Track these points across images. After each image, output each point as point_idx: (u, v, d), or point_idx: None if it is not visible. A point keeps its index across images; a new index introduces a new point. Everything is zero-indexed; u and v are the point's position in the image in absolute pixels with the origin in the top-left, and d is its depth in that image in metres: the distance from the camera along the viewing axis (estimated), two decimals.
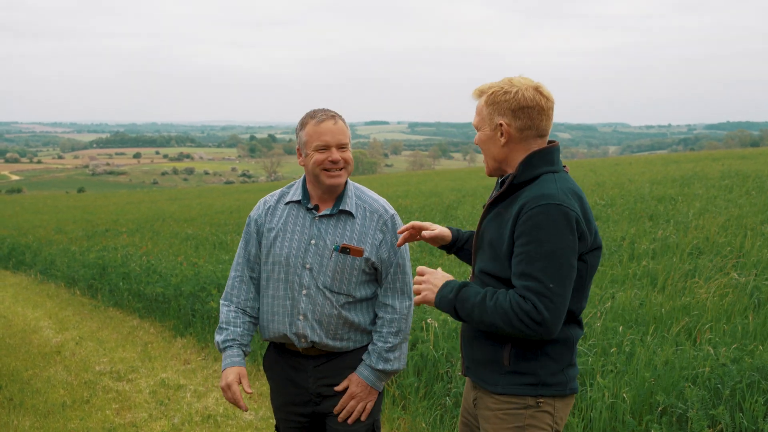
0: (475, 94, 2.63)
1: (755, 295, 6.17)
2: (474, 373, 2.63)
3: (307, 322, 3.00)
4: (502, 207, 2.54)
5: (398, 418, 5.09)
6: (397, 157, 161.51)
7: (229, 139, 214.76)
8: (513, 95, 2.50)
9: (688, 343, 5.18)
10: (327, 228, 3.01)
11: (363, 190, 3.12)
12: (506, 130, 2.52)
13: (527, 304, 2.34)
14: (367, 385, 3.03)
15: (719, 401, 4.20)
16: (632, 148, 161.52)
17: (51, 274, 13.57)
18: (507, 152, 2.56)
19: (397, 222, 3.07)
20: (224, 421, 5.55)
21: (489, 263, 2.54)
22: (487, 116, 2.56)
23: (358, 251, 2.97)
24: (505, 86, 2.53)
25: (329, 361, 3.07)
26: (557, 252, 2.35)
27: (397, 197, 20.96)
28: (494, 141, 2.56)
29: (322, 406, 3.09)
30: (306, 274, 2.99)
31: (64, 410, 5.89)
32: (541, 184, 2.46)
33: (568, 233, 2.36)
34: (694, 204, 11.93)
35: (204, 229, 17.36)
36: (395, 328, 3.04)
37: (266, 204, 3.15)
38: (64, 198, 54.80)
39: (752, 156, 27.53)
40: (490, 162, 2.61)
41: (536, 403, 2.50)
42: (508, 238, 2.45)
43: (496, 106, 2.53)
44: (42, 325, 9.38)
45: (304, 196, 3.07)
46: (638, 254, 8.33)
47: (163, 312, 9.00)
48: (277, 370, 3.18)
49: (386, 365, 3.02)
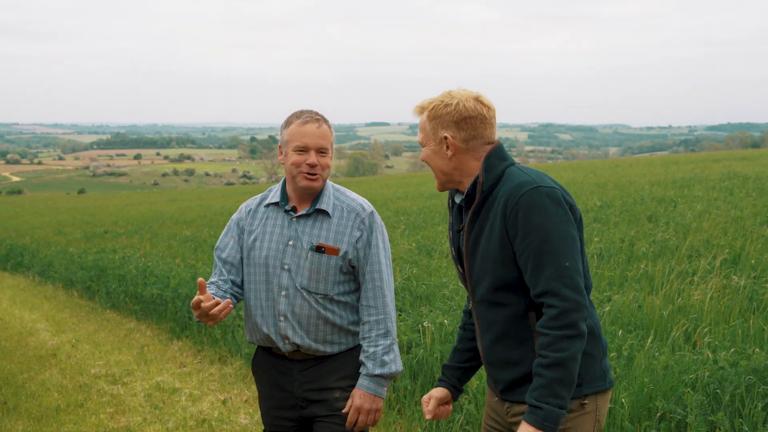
0: (416, 111, 2.62)
1: (754, 298, 6.12)
2: (516, 393, 2.54)
3: (288, 323, 2.99)
4: (482, 217, 2.50)
5: (394, 422, 5.04)
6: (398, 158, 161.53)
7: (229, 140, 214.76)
8: (454, 107, 2.52)
9: (687, 347, 5.13)
10: (304, 228, 3.00)
11: (342, 191, 3.11)
12: (452, 143, 2.53)
13: (554, 309, 2.31)
14: (370, 395, 2.99)
15: (719, 407, 4.15)
16: (633, 149, 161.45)
17: (49, 275, 13.54)
18: (455, 164, 2.55)
19: (375, 219, 3.05)
20: (219, 426, 5.50)
21: (493, 279, 2.47)
22: (431, 131, 2.55)
23: (334, 250, 2.95)
24: (445, 99, 2.54)
25: (315, 366, 3.05)
26: (555, 230, 2.35)
27: (397, 198, 20.94)
28: (440, 155, 2.55)
29: (307, 411, 3.06)
30: (285, 275, 2.99)
31: (58, 414, 5.84)
32: (509, 178, 2.46)
33: (558, 208, 2.37)
34: (694, 206, 11.89)
35: (203, 230, 17.33)
36: (383, 330, 2.99)
37: (247, 207, 3.17)
38: (65, 199, 54.83)
39: (753, 157, 27.50)
40: (439, 176, 2.59)
41: (580, 405, 2.46)
42: (500, 239, 2.42)
43: (439, 120, 2.53)
44: (39, 328, 9.34)
45: (283, 197, 3.07)
46: (637, 256, 8.29)
47: (160, 314, 8.95)
48: (263, 373, 3.17)
49: (383, 369, 2.98)
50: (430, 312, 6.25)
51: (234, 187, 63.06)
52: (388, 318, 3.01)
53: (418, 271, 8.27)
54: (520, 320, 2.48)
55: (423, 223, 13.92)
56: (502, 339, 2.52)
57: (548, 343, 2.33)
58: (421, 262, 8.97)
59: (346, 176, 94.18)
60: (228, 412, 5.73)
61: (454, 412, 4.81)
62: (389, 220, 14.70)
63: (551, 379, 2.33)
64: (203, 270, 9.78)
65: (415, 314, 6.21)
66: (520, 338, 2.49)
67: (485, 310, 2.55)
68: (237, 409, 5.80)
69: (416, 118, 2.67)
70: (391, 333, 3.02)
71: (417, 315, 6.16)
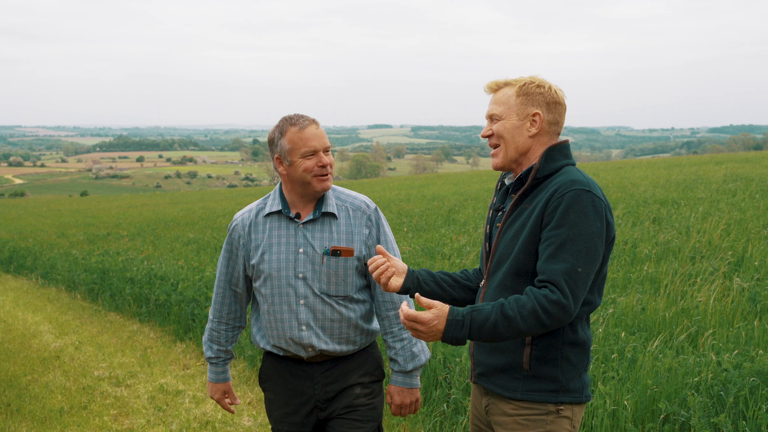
0: (494, 85, 2.62)
1: (757, 300, 6.11)
2: (489, 380, 2.58)
3: (311, 330, 2.97)
4: (526, 202, 2.52)
5: (397, 424, 5.05)
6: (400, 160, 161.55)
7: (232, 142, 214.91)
8: (547, 89, 2.56)
9: (691, 349, 5.13)
10: (313, 234, 2.97)
11: (341, 190, 3.10)
12: (540, 120, 2.55)
13: (554, 294, 2.33)
14: (407, 390, 3.06)
15: (722, 408, 4.15)
16: (635, 151, 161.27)
17: (52, 278, 13.55)
18: (531, 144, 2.56)
19: (381, 215, 3.08)
20: (222, 428, 5.51)
21: (513, 264, 2.48)
22: (518, 105, 2.55)
23: (349, 251, 2.95)
24: (535, 80, 2.58)
25: (335, 366, 3.05)
26: (587, 236, 2.38)
27: (399, 201, 20.92)
28: (522, 131, 2.56)
29: (326, 412, 3.06)
30: (300, 283, 2.97)
31: (61, 416, 5.85)
32: (567, 173, 2.49)
33: (596, 220, 2.40)
34: (696, 208, 11.88)
35: (206, 233, 17.33)
36: None
37: (245, 222, 3.07)
38: (67, 202, 54.86)
39: (755, 159, 27.44)
40: (511, 152, 2.57)
41: (557, 409, 2.49)
42: (533, 225, 2.44)
43: (530, 97, 2.55)
44: (42, 330, 9.35)
45: (284, 205, 3.01)
46: (640, 258, 8.28)
47: (164, 317, 8.96)
48: (276, 380, 3.13)
49: (415, 362, 3.04)
50: None
51: (236, 189, 63.06)
52: None
53: None
54: None
55: (426, 226, 13.92)
56: None
57: (523, 303, 2.34)
58: (424, 264, 8.97)
59: (348, 178, 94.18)
60: (231, 415, 5.73)
61: (458, 413, 4.81)
62: (392, 222, 14.70)
63: (494, 318, 2.33)
64: (207, 273, 9.78)
65: None
66: None
67: (494, 292, 2.55)
68: (240, 411, 5.80)
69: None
70: None
71: None
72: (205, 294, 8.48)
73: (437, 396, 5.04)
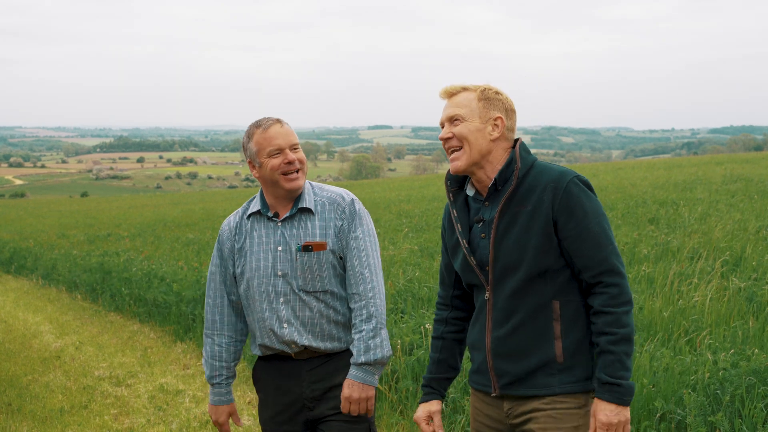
0: (452, 89, 2.65)
1: (754, 300, 6.14)
2: (522, 386, 2.55)
3: (293, 327, 2.97)
4: (515, 206, 2.54)
5: (396, 423, 5.07)
6: (401, 161, 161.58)
7: (232, 143, 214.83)
8: (505, 97, 2.65)
9: (688, 348, 5.15)
10: (291, 231, 2.99)
11: (321, 186, 3.10)
12: (502, 125, 2.61)
13: (613, 287, 2.46)
14: (359, 384, 2.92)
15: (719, 407, 4.18)
16: (635, 152, 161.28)
17: (52, 278, 13.58)
18: (492, 147, 2.61)
19: (357, 207, 3.02)
20: None
21: (531, 268, 2.50)
22: (480, 109, 2.60)
23: (321, 245, 2.94)
24: (493, 87, 2.65)
25: (322, 365, 3.02)
26: (602, 214, 2.53)
27: (399, 201, 20.96)
28: (484, 134, 2.60)
29: (315, 411, 3.02)
30: (280, 281, 2.98)
31: (62, 416, 5.88)
32: (543, 168, 2.57)
33: (594, 195, 2.56)
34: (695, 208, 11.90)
35: (206, 233, 17.36)
36: (365, 314, 2.94)
37: (230, 225, 3.14)
38: (68, 202, 54.90)
39: (755, 160, 27.47)
40: (474, 155, 2.59)
41: (585, 401, 2.52)
42: (545, 226, 2.48)
43: (491, 102, 2.61)
44: (42, 330, 9.38)
45: (263, 205, 3.06)
46: (639, 258, 8.31)
47: (164, 317, 8.99)
48: (266, 380, 3.12)
49: (368, 355, 2.91)
50: (431, 314, 6.28)
51: (237, 190, 63.09)
52: (370, 302, 2.95)
53: (421, 274, 8.30)
54: (543, 309, 2.52)
55: (426, 226, 13.94)
56: (521, 328, 2.53)
57: (613, 321, 2.44)
58: (424, 265, 9.00)
59: (348, 179, 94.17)
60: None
61: (456, 413, 4.84)
62: (392, 223, 14.73)
63: (622, 353, 2.43)
64: (207, 273, 9.80)
65: (417, 316, 6.23)
66: (539, 329, 2.52)
67: (508, 300, 2.55)
68: (240, 410, 5.83)
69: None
70: (374, 316, 2.95)
71: (419, 317, 6.18)
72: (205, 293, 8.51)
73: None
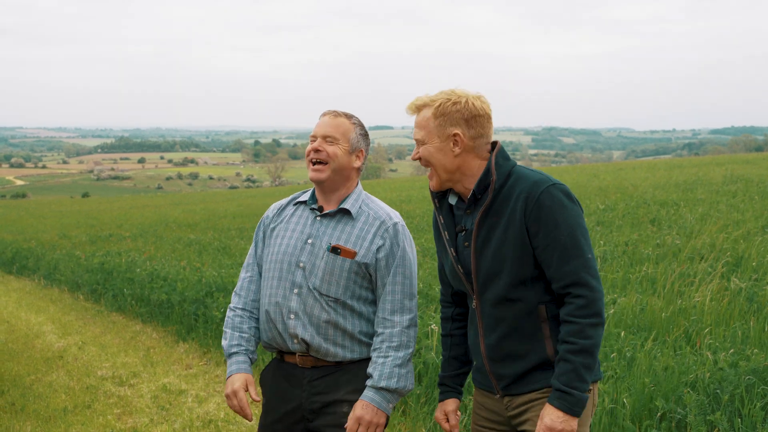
0: (412, 108, 2.63)
1: (754, 300, 6.17)
2: (522, 385, 2.59)
3: (299, 320, 2.90)
4: (491, 216, 2.54)
5: (398, 423, 5.10)
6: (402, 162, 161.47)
7: (233, 144, 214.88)
8: (463, 105, 2.56)
9: (688, 348, 5.18)
10: (326, 229, 2.95)
11: (372, 199, 3.05)
12: (461, 140, 2.56)
13: (581, 298, 2.42)
14: (373, 407, 2.82)
15: (718, 406, 4.20)
16: (636, 152, 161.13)
17: (54, 279, 13.61)
18: (460, 162, 2.58)
19: (401, 230, 2.93)
20: (225, 427, 5.56)
21: (511, 277, 2.51)
22: (437, 128, 2.57)
23: (350, 253, 2.87)
24: (451, 97, 2.57)
25: (325, 376, 2.94)
26: (577, 224, 2.46)
27: (400, 202, 20.97)
28: (446, 152, 2.58)
29: (314, 423, 2.95)
30: (299, 273, 2.93)
31: (65, 415, 5.91)
32: (520, 177, 2.53)
33: (574, 204, 2.49)
34: (696, 209, 11.92)
35: (207, 234, 17.40)
36: (396, 342, 2.86)
37: (275, 207, 3.14)
38: (69, 203, 54.92)
39: (756, 161, 27.47)
40: (442, 174, 2.60)
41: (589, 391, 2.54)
42: (519, 236, 2.48)
43: (447, 117, 2.56)
44: (45, 330, 9.41)
45: (311, 197, 3.04)
46: (640, 259, 8.33)
47: (166, 317, 9.02)
48: (271, 384, 3.06)
49: (389, 382, 2.82)
50: (436, 315, 6.31)
51: (238, 191, 63.12)
52: (404, 333, 2.88)
53: (424, 274, 8.33)
54: (530, 315, 2.54)
55: (427, 227, 13.96)
56: (511, 335, 2.56)
57: (576, 331, 2.42)
58: (426, 265, 9.02)
59: None
60: (234, 414, 5.78)
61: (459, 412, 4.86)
62: None
63: (579, 364, 2.42)
64: (209, 273, 9.84)
65: (422, 317, 6.25)
66: (529, 332, 2.55)
67: (493, 308, 2.57)
68: None
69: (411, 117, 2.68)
70: (404, 346, 2.88)
71: (426, 318, 6.20)
72: (212, 296, 8.53)
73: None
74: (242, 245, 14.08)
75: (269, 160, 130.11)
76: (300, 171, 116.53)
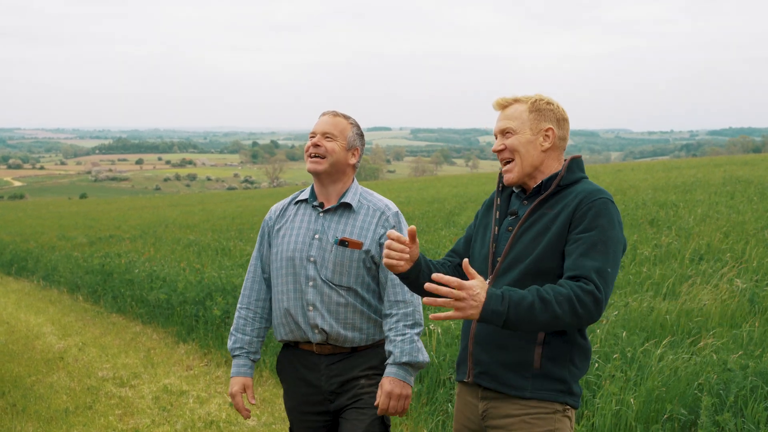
0: (503, 101, 2.69)
1: (756, 301, 6.18)
2: (492, 379, 2.58)
3: (317, 311, 3.08)
4: (546, 207, 2.59)
5: (400, 423, 5.10)
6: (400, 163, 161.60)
7: (231, 145, 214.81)
8: (556, 107, 2.67)
9: (693, 350, 5.18)
10: (330, 223, 3.13)
11: (370, 192, 3.25)
12: (552, 135, 2.64)
13: (590, 285, 2.37)
14: (399, 381, 3.02)
15: (722, 407, 4.21)
16: (634, 154, 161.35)
17: (54, 280, 13.60)
18: (543, 158, 2.64)
19: (401, 219, 3.17)
20: (227, 427, 5.56)
21: (529, 264, 2.52)
22: (531, 121, 2.63)
23: (357, 244, 3.07)
24: (544, 98, 2.67)
25: (341, 360, 3.11)
26: (615, 241, 2.48)
27: (399, 203, 20.99)
28: (535, 145, 2.63)
29: (335, 404, 3.12)
30: (311, 266, 3.10)
31: (66, 416, 5.90)
32: (586, 184, 2.60)
33: (620, 230, 2.53)
34: (695, 210, 11.94)
35: (206, 235, 17.39)
36: (411, 321, 3.06)
37: (277, 207, 3.31)
38: (67, 204, 54.91)
39: (754, 162, 27.53)
40: (526, 167, 2.63)
41: (563, 408, 2.54)
42: (560, 229, 2.50)
43: (542, 114, 2.64)
44: (45, 331, 9.39)
45: (312, 195, 3.21)
46: (640, 260, 8.34)
47: (166, 318, 9.01)
48: (289, 371, 3.23)
49: (411, 357, 3.02)
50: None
51: (236, 192, 63.11)
52: (416, 311, 3.09)
53: None
54: None
55: (426, 228, 13.98)
56: None
57: (560, 290, 2.35)
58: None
59: None
60: (236, 414, 5.79)
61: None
62: None
63: (531, 299, 2.32)
64: (208, 275, 9.83)
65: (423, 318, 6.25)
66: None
67: None
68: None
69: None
70: (418, 324, 3.09)
71: (425, 319, 6.20)
72: (212, 297, 8.53)
73: (440, 395, 5.09)
74: (241, 246, 14.08)
75: (267, 161, 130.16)
76: (298, 172, 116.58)
